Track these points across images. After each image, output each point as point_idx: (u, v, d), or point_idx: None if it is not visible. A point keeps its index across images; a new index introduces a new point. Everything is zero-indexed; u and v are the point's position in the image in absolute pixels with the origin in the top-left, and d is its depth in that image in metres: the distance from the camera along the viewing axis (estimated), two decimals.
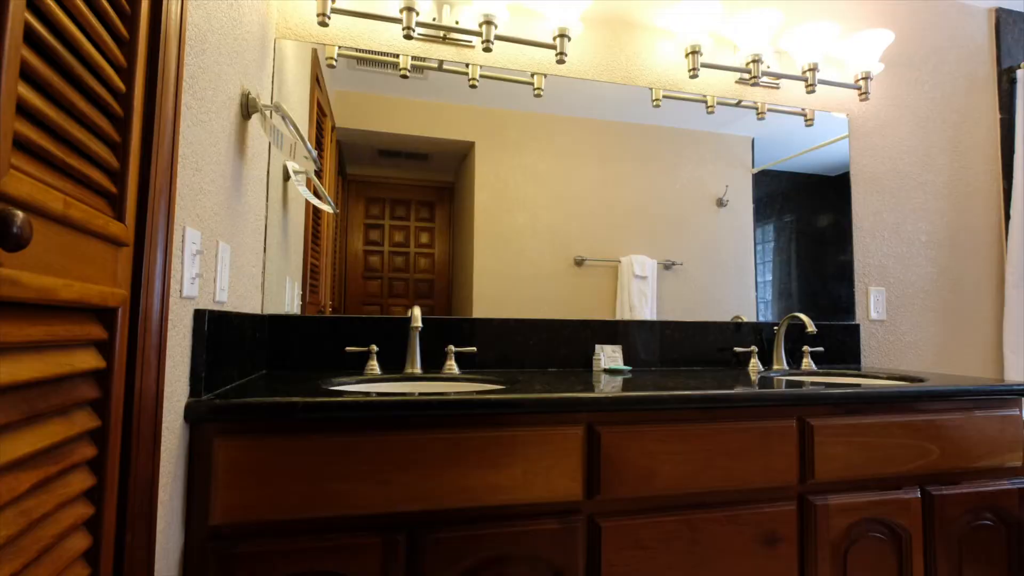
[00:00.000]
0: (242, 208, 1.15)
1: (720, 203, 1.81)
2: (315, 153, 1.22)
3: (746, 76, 1.79)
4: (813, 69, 1.73)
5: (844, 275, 1.92)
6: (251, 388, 1.00)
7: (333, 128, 1.50)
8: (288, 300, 1.42)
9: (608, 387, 1.13)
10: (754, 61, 1.67)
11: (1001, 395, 1.30)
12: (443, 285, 1.56)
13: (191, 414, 0.84)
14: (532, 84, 1.64)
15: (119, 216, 0.60)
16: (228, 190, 1.03)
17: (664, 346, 1.69)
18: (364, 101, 1.52)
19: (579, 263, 1.66)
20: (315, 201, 1.36)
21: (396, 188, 1.54)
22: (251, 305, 1.28)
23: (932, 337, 2.01)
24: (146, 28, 0.64)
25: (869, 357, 1.92)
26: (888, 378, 1.54)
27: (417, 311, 1.34)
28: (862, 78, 1.80)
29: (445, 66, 1.58)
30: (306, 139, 1.18)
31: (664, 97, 1.76)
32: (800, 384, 1.26)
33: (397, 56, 1.54)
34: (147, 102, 0.64)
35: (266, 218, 1.40)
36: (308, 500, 0.88)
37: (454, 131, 1.59)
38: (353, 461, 0.90)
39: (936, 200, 2.05)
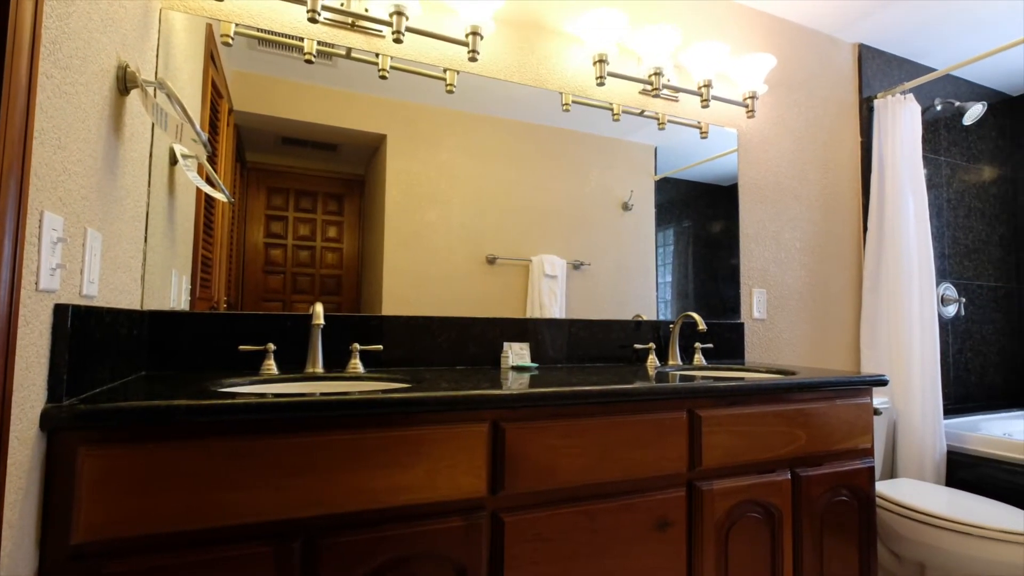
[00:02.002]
0: (118, 193, 1.04)
1: (625, 207, 1.90)
2: (205, 136, 1.13)
3: (648, 87, 1.90)
4: (708, 85, 1.87)
5: (733, 278, 2.09)
6: (126, 391, 0.91)
7: (230, 111, 1.39)
8: (174, 295, 1.31)
9: (515, 384, 1.15)
10: (656, 74, 1.77)
11: (857, 386, 1.48)
12: (352, 282, 1.51)
13: (49, 422, 0.75)
14: (444, 80, 1.63)
15: None
16: (100, 172, 0.93)
17: (571, 343, 1.74)
18: (266, 84, 1.43)
19: (491, 261, 1.68)
20: (207, 188, 1.26)
21: (302, 179, 1.47)
22: (129, 300, 1.16)
23: (804, 334, 2.24)
24: None
25: (752, 352, 2.11)
26: (767, 372, 1.69)
27: (319, 308, 1.29)
28: (749, 97, 1.96)
29: (354, 54, 1.52)
30: (195, 121, 1.09)
31: (573, 102, 1.82)
32: (692, 378, 1.36)
33: (302, 39, 1.46)
34: None
35: (148, 204, 1.27)
36: (192, 510, 0.82)
37: (365, 122, 1.54)
38: (245, 467, 0.85)
39: (809, 211, 2.29)
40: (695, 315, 1.70)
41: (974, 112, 2.60)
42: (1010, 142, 2.93)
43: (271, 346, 1.27)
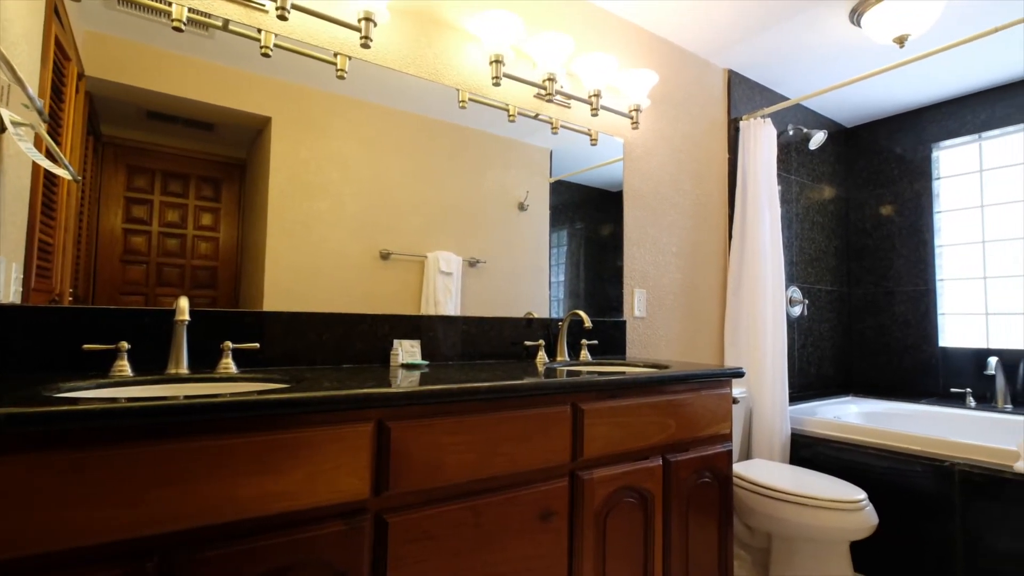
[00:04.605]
0: None
1: (521, 207, 1.94)
2: (40, 103, 0.98)
3: (543, 92, 1.95)
4: (597, 95, 1.96)
5: (618, 278, 2.22)
6: None
7: (81, 76, 1.22)
8: (1, 285, 1.12)
9: (403, 382, 1.13)
10: (549, 79, 1.83)
11: (719, 377, 1.64)
12: (229, 275, 1.39)
13: None
14: (335, 64, 1.56)
15: None
16: None
17: (464, 340, 1.75)
18: (128, 49, 1.27)
19: (385, 257, 1.63)
20: (45, 163, 1.09)
21: (171, 159, 1.33)
22: None
23: (678, 331, 2.45)
24: None
25: (632, 348, 2.26)
26: (644, 366, 1.82)
27: (184, 302, 1.17)
28: (634, 109, 2.10)
29: (232, 27, 1.40)
30: (27, 83, 0.94)
31: (470, 100, 1.82)
32: (577, 374, 1.42)
33: (170, 3, 1.32)
34: None
35: None
36: (22, 535, 0.71)
37: (246, 102, 1.42)
38: (90, 482, 0.75)
39: (684, 219, 2.50)
40: (582, 313, 1.79)
41: (817, 139, 2.99)
42: (844, 167, 3.41)
43: (124, 344, 1.13)
